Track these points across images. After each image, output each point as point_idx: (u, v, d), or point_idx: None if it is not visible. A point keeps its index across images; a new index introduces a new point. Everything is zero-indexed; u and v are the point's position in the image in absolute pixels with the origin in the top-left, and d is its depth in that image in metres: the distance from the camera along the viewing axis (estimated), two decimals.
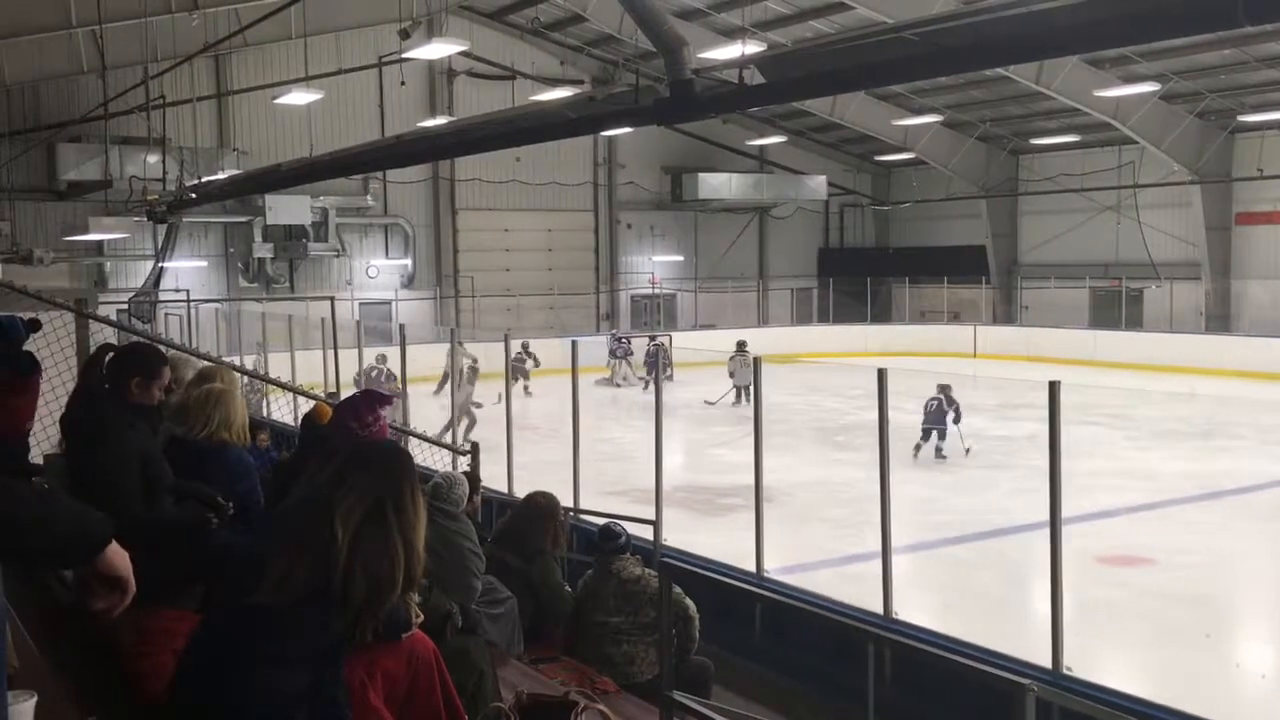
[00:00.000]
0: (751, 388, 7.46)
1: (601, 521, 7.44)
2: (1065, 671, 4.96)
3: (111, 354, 4.36)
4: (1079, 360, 26.87)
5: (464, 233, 31.14)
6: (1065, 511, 11.30)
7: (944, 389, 16.38)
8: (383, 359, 19.07)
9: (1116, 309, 31.31)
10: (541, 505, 6.14)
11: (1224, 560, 10.59)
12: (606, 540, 5.78)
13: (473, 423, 14.83)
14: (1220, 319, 29.56)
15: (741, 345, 22.61)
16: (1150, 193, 30.38)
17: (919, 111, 30.63)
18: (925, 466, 15.42)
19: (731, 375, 22.08)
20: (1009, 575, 10.54)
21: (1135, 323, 30.76)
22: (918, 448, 16.04)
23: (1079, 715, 4.29)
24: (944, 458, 16.11)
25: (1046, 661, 5.10)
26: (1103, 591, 9.67)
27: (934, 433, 16.30)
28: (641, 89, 6.49)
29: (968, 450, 16.19)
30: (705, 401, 21.62)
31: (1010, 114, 31.33)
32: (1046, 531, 5.60)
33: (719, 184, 33.45)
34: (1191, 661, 8.16)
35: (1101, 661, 7.76)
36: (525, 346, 22.23)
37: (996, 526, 11.92)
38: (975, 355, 31.01)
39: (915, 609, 8.08)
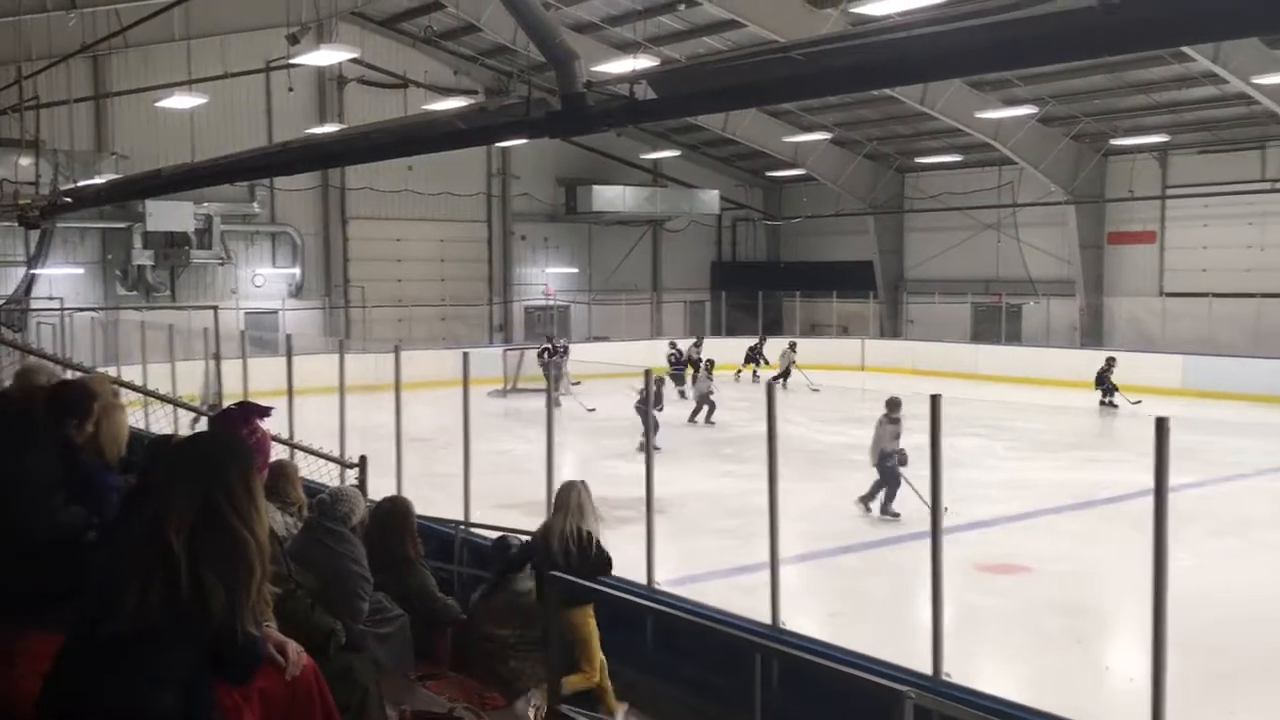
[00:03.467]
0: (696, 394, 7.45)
1: (494, 535, 7.39)
2: (945, 678, 5.09)
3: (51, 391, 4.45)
4: (962, 373, 27.65)
5: (355, 242, 30.65)
6: (948, 520, 11.58)
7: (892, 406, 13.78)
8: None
9: (997, 324, 32.33)
10: (394, 512, 5.86)
11: (1096, 567, 11.00)
12: (500, 553, 5.73)
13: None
14: (1093, 334, 30.73)
15: (698, 339, 26.37)
16: (1029, 212, 31.47)
17: (809, 129, 31.24)
18: (814, 477, 15.64)
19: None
20: (895, 583, 10.76)
21: (1015, 337, 31.79)
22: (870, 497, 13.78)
23: None
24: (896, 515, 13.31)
25: (928, 668, 5.22)
26: (982, 599, 9.94)
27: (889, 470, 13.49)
28: (533, 101, 6.47)
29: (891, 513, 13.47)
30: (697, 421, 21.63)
31: (897, 133, 32.15)
32: (929, 540, 5.73)
33: (613, 196, 33.59)
34: (1065, 666, 8.45)
35: (980, 667, 7.98)
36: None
37: (884, 536, 12.18)
38: (863, 368, 31.68)
39: (804, 618, 8.19)
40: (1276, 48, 22.03)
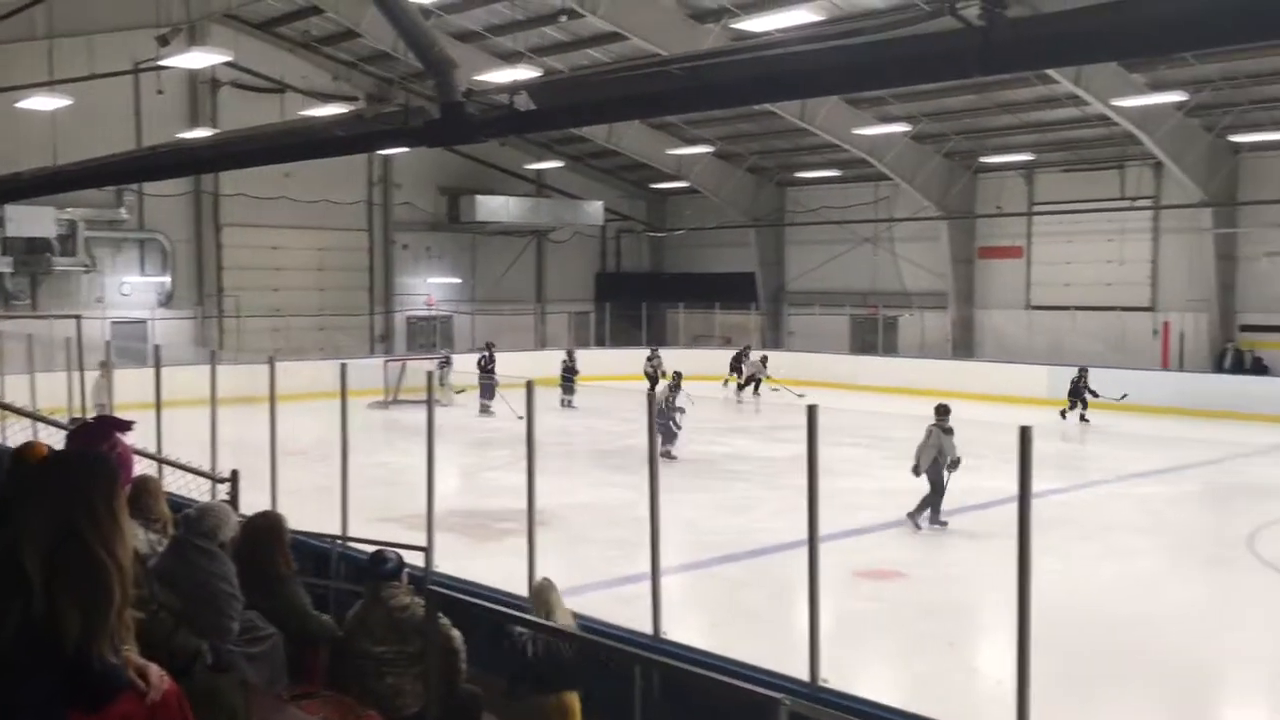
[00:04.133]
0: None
1: (371, 549, 7.24)
2: (822, 684, 5.17)
3: None
4: (841, 384, 28.22)
5: (229, 250, 29.79)
6: (826, 529, 11.77)
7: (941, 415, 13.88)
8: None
9: (874, 335, 33.11)
10: (264, 527, 5.68)
11: (966, 572, 11.33)
12: (376, 567, 5.61)
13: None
14: (964, 346, 31.72)
15: (655, 351, 27.73)
16: (904, 226, 32.36)
17: (692, 142, 31.57)
18: (697, 487, 15.76)
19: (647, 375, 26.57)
20: (775, 591, 10.90)
21: (891, 349, 32.60)
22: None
23: None
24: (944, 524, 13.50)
25: (805, 674, 5.31)
26: (860, 605, 10.16)
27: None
28: (412, 110, 6.39)
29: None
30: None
31: (777, 148, 32.73)
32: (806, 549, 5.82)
33: (497, 206, 33.40)
34: (938, 669, 8.67)
35: (858, 672, 8.15)
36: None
37: (764, 545, 12.32)
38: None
39: (685, 628, 8.24)
40: (1135, 71, 23.11)
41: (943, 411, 13.86)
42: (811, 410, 5.51)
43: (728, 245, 36.34)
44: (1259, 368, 26.05)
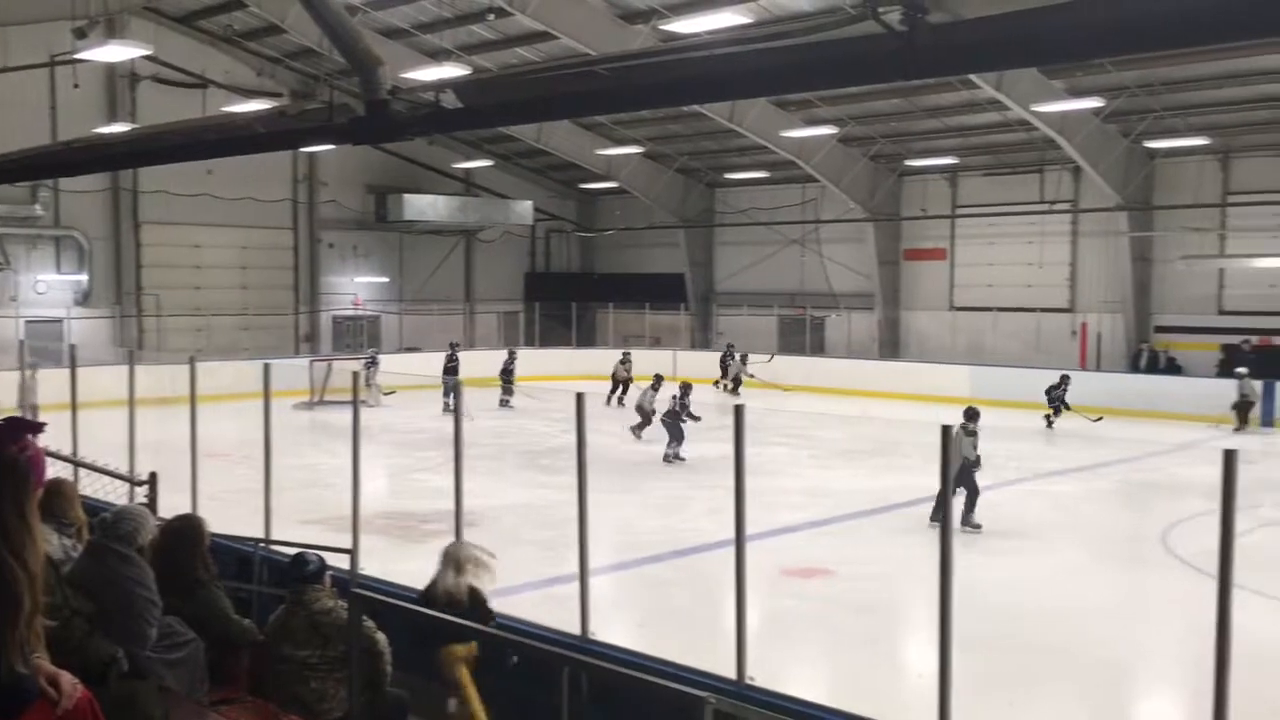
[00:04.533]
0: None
1: (295, 551, 7.14)
2: (749, 681, 5.21)
3: None
4: (769, 384, 28.44)
5: (149, 247, 29.14)
6: (754, 528, 11.85)
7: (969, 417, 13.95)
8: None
9: (802, 335, 33.44)
10: (183, 531, 5.56)
11: (893, 569, 11.49)
12: (297, 570, 5.53)
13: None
14: (890, 346, 32.18)
15: (626, 355, 27.92)
16: (831, 228, 32.73)
17: (622, 142, 31.61)
18: (627, 488, 15.77)
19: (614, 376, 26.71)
20: (703, 591, 10.95)
21: (819, 349, 32.95)
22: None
23: None
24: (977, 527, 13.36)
25: (732, 673, 5.34)
26: (787, 603, 10.25)
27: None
28: (336, 106, 6.31)
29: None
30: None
31: (706, 149, 32.90)
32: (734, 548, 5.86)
33: (425, 205, 33.11)
34: (863, 665, 8.79)
35: (785, 669, 8.22)
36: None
37: (692, 544, 12.38)
38: (675, 379, 32.13)
39: (614, 629, 8.25)
40: (1054, 78, 23.63)
41: (971, 415, 14.01)
42: (738, 410, 5.55)
43: (657, 246, 36.43)
44: (1172, 367, 26.80)
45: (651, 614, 10.22)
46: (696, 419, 18.72)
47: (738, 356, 29.55)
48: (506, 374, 26.46)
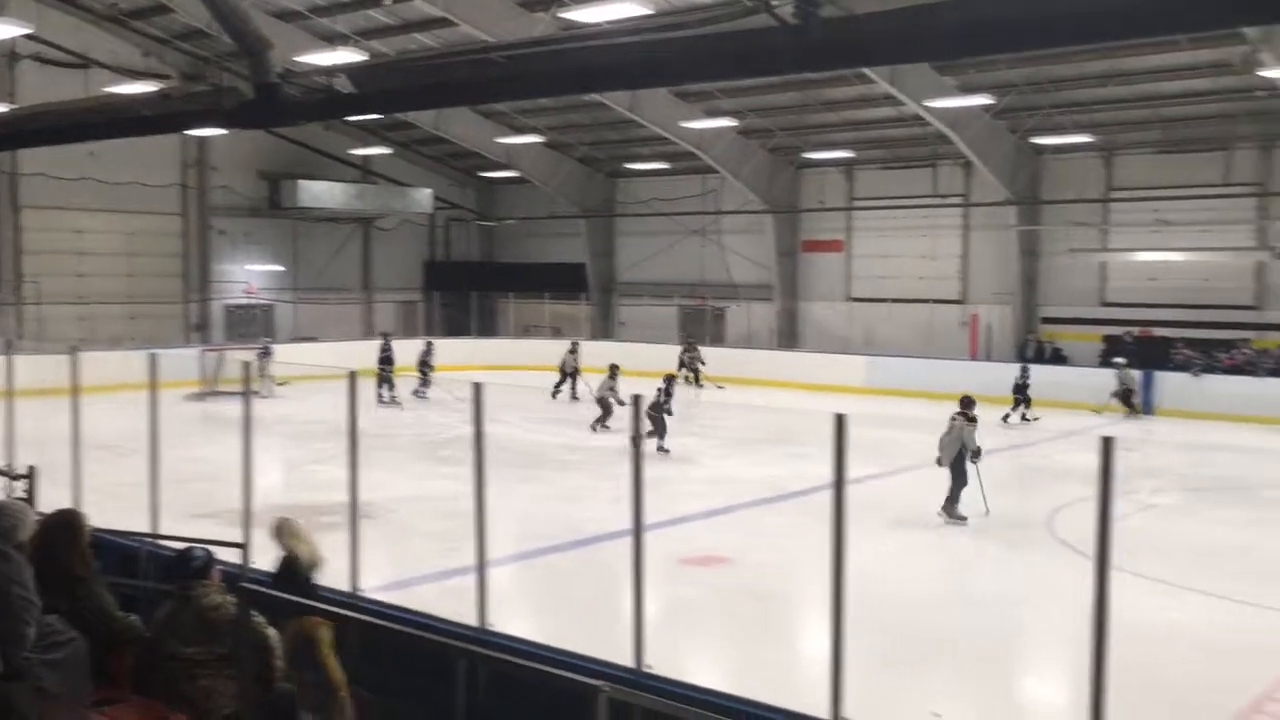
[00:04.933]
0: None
1: (182, 546, 6.95)
2: (646, 669, 5.23)
3: None
4: (672, 374, 28.56)
5: (28, 233, 27.99)
6: (654, 517, 11.91)
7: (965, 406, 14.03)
8: None
9: (703, 326, 33.70)
10: (61, 527, 5.38)
11: (790, 556, 11.66)
12: (183, 565, 5.38)
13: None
14: (788, 336, 32.62)
15: (575, 344, 27.00)
16: (731, 219, 33.02)
17: (522, 131, 31.41)
18: (527, 478, 15.70)
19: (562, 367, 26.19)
20: (603, 580, 10.97)
21: (719, 339, 33.23)
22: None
23: (657, 714, 4.55)
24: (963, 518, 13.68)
25: (630, 661, 5.36)
26: (686, 591, 10.33)
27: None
28: (224, 90, 6.14)
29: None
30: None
31: (607, 139, 32.89)
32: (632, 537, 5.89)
33: (320, 192, 32.46)
34: (760, 651, 8.91)
35: (684, 657, 8.29)
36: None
37: (593, 534, 12.39)
38: (576, 370, 32.12)
39: (513, 620, 8.21)
40: (947, 75, 24.18)
41: (967, 404, 14.07)
42: (635, 399, 5.57)
43: (558, 235, 36.33)
44: (1058, 358, 27.69)
45: (550, 604, 10.21)
46: (669, 413, 18.42)
47: (697, 350, 29.33)
48: (424, 365, 26.07)
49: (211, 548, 5.79)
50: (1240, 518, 14.41)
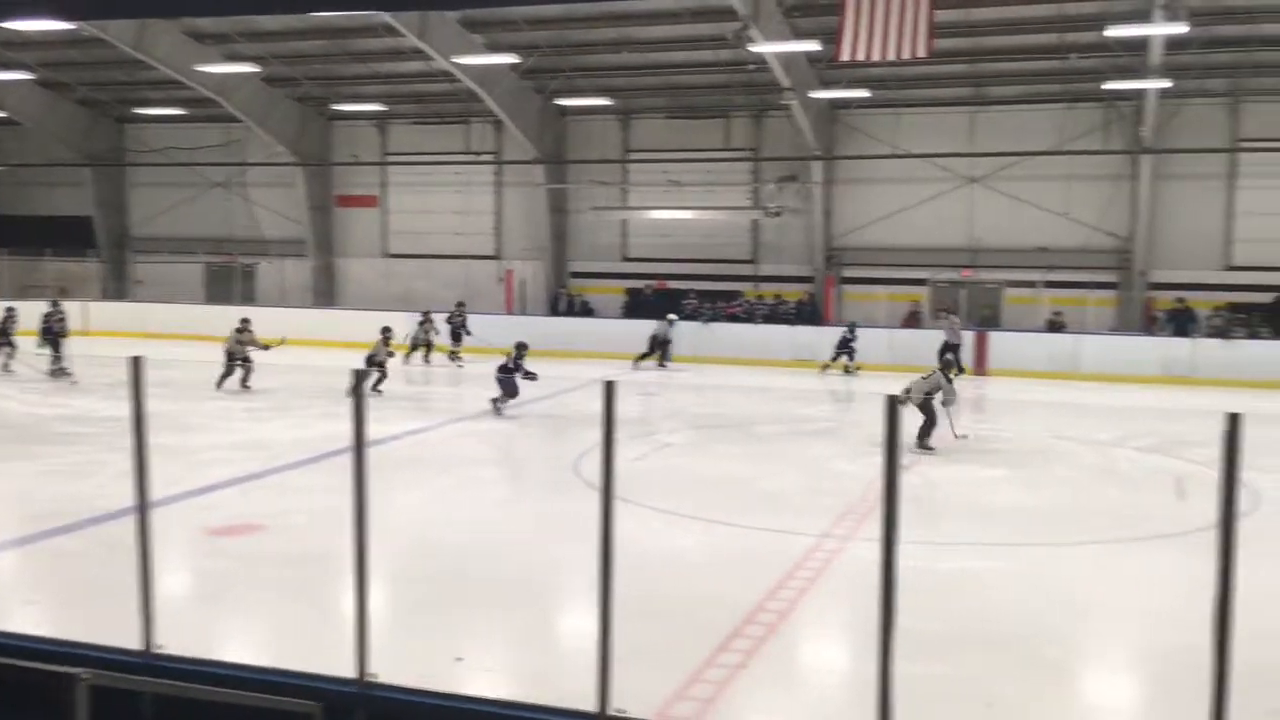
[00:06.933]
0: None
1: None
2: (157, 650, 4.89)
3: None
4: (198, 335, 26.83)
5: None
6: (178, 487, 11.20)
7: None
8: None
9: (232, 284, 31.93)
10: None
11: (324, 518, 11.41)
12: None
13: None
14: (325, 294, 31.78)
15: (427, 314, 25.24)
16: (259, 172, 31.46)
17: (6, 65, 27.77)
18: (23, 455, 14.10)
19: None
20: (116, 560, 10.11)
21: (250, 297, 31.68)
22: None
23: (172, 699, 4.28)
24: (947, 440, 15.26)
25: (139, 644, 4.99)
26: (216, 563, 9.78)
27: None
28: None
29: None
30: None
31: (113, 79, 30.01)
32: (158, 511, 5.47)
33: None
34: (303, 616, 8.64)
35: (217, 631, 7.87)
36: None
37: (104, 511, 11.37)
38: (88, 333, 29.23)
39: (12, 610, 7.39)
40: (475, 32, 24.48)
41: (948, 365, 17.08)
42: (136, 361, 5.14)
43: (58, 185, 32.77)
44: (585, 310, 29.31)
45: (55, 591, 9.25)
46: (533, 377, 18.06)
47: (464, 315, 26.41)
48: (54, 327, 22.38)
49: None
50: (740, 452, 16.08)
